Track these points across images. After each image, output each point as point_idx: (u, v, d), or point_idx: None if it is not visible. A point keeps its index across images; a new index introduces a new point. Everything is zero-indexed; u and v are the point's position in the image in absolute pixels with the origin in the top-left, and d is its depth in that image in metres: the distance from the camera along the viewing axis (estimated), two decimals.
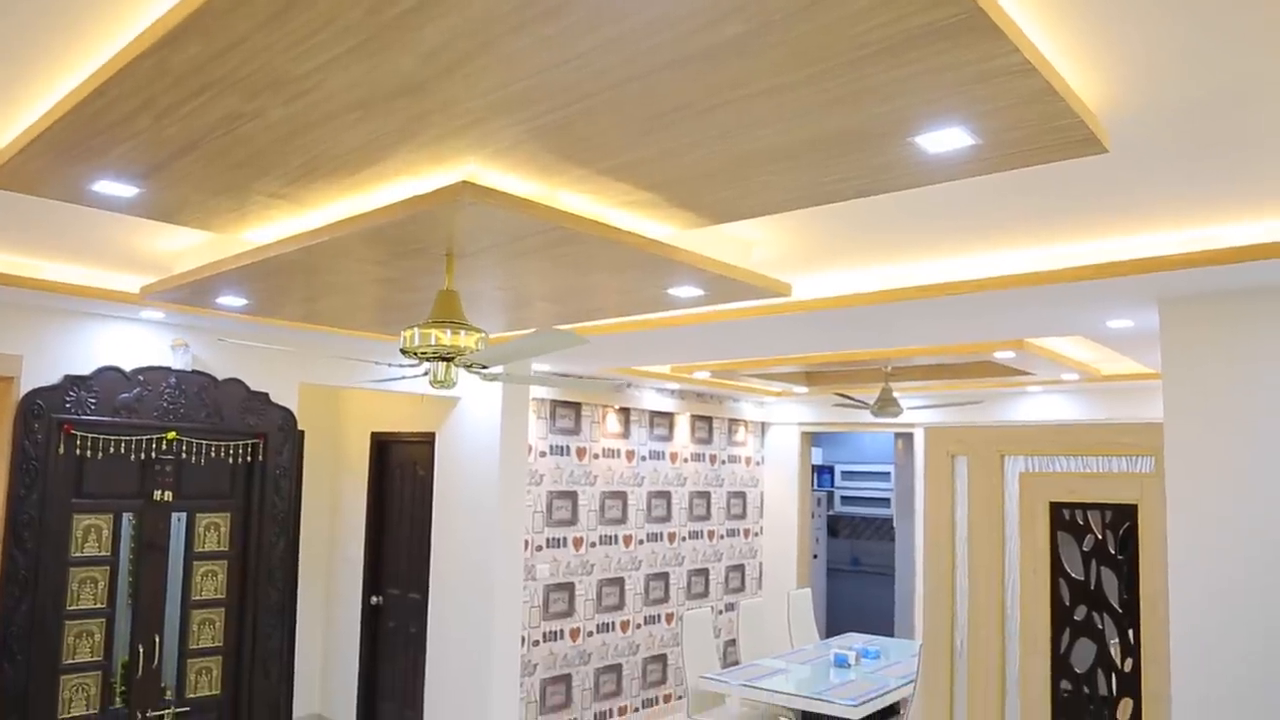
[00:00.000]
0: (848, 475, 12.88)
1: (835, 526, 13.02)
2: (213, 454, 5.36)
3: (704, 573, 8.86)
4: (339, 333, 5.38)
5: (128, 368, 5.03)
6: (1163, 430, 3.79)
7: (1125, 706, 3.93)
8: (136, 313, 4.93)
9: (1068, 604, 4.07)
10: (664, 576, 8.37)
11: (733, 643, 8.68)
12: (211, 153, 2.46)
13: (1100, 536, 4.02)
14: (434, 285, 3.66)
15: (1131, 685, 3.91)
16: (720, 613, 8.96)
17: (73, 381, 4.82)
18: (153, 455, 5.12)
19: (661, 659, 8.31)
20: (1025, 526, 4.14)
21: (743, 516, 9.46)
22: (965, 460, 4.35)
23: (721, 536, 9.13)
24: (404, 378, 3.04)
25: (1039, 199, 2.97)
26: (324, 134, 2.30)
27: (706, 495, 8.96)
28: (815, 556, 11.30)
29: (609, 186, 2.62)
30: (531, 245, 2.96)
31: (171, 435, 5.17)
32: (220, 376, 5.41)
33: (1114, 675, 3.97)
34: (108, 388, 4.94)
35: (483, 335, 2.89)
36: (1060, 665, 4.06)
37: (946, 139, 2.21)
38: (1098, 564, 4.02)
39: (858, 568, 12.67)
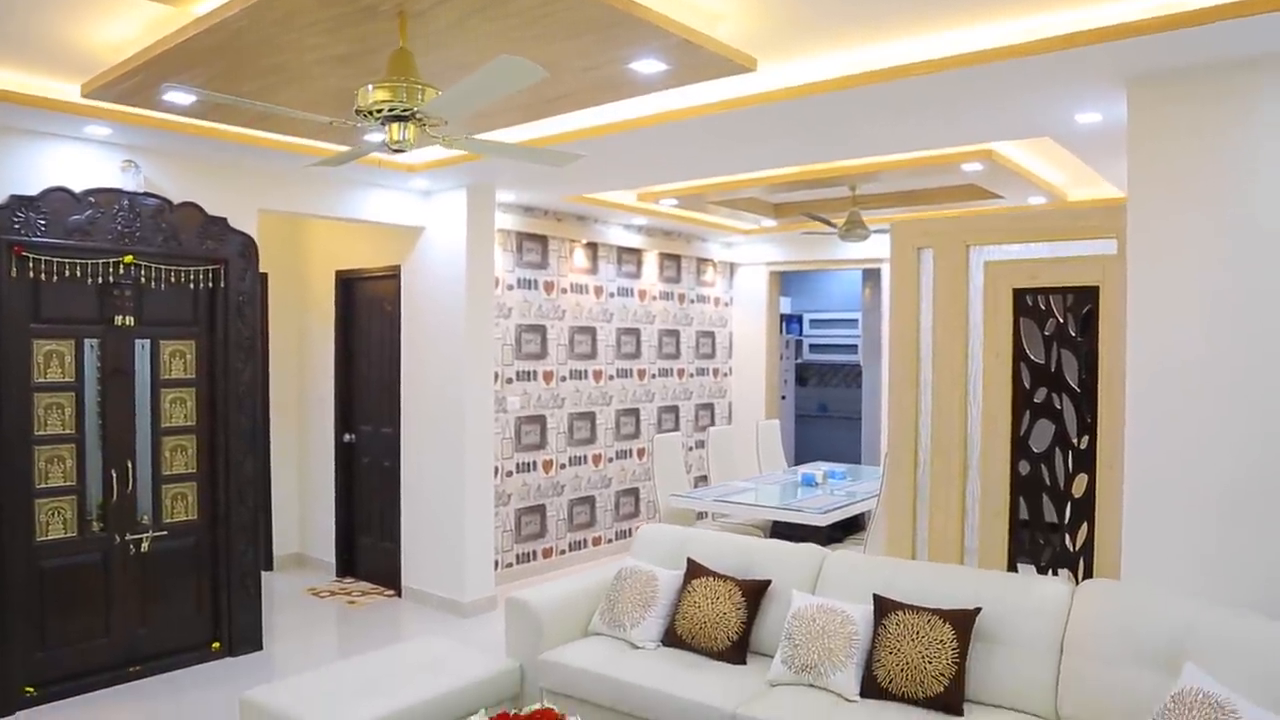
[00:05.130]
0: (816, 324, 12.98)
1: (803, 375, 13.19)
2: (173, 279, 5.27)
3: (674, 410, 8.98)
4: (296, 150, 5.24)
5: (77, 189, 4.89)
6: (1125, 211, 3.80)
7: (1080, 482, 4.05)
8: (81, 129, 4.77)
9: (1028, 387, 4.15)
10: (634, 412, 8.47)
11: (704, 478, 8.86)
12: None
13: (1061, 320, 4.08)
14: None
15: (1086, 462, 4.02)
16: (690, 450, 9.12)
17: (20, 202, 4.68)
18: (110, 280, 5.03)
19: (634, 492, 8.48)
20: (989, 314, 4.18)
21: (712, 356, 9.54)
22: (931, 253, 4.36)
23: (691, 375, 9.22)
24: (364, 150, 2.96)
25: None
26: None
27: (676, 334, 9.00)
28: (784, 398, 11.48)
29: None
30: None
31: (129, 259, 5.07)
32: (175, 200, 5.28)
33: (1070, 453, 4.08)
34: (58, 209, 4.81)
35: (439, 91, 2.80)
36: (1020, 446, 4.17)
37: None
38: (1058, 347, 4.09)
39: (825, 413, 12.89)
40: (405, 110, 2.75)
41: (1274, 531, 3.43)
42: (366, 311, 7.23)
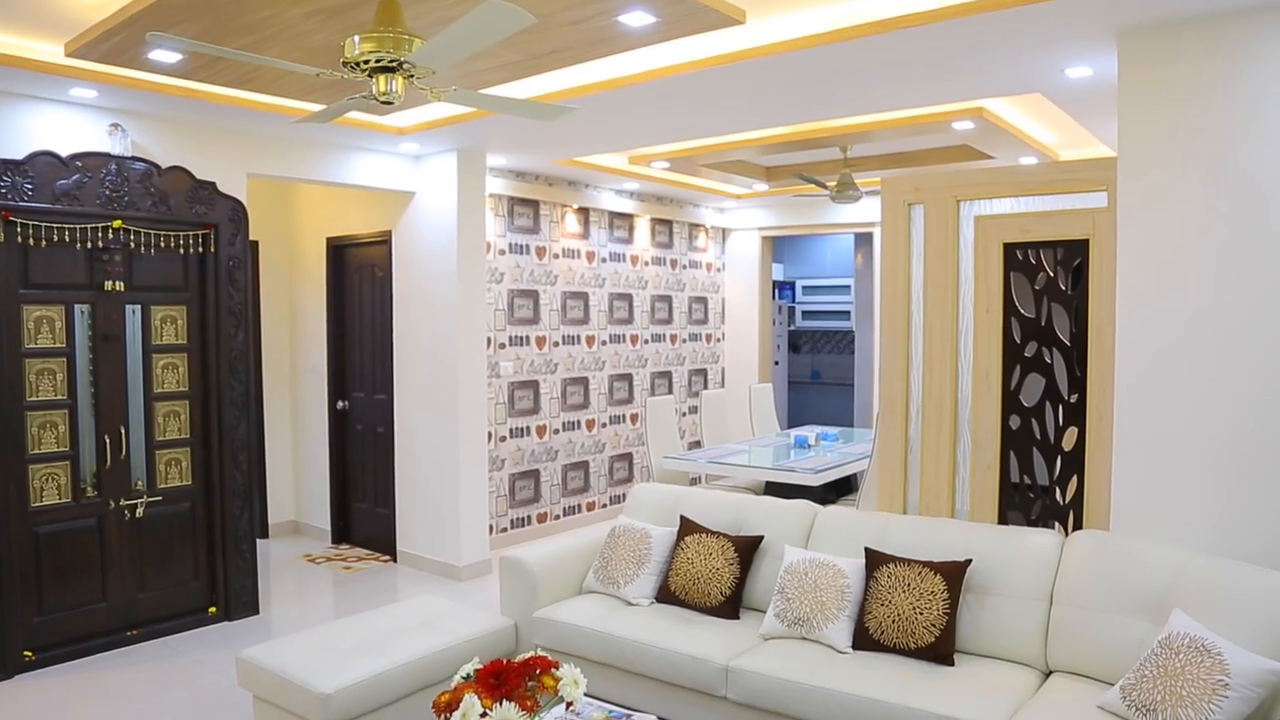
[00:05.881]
0: (809, 290, 12.98)
1: (796, 342, 13.20)
2: (162, 245, 5.25)
3: (667, 375, 8.99)
4: (284, 113, 5.20)
5: (64, 153, 4.85)
6: (1116, 164, 3.79)
7: (1070, 435, 4.07)
8: (66, 91, 4.73)
9: (1019, 341, 4.16)
10: (627, 377, 8.48)
11: (697, 443, 8.88)
12: None
13: (1052, 274, 4.08)
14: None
15: (1077, 415, 4.04)
16: (683, 415, 9.14)
17: (5, 166, 4.64)
18: (99, 245, 5.00)
19: (627, 457, 8.50)
20: (980, 268, 4.18)
21: (704, 322, 9.54)
22: (921, 209, 4.36)
23: (684, 340, 9.22)
24: (351, 105, 2.94)
25: None
26: None
27: (668, 299, 8.99)
28: (776, 364, 11.49)
29: None
30: None
31: (117, 224, 5.05)
32: (163, 164, 5.25)
33: (1060, 407, 4.09)
34: (44, 174, 4.78)
35: (426, 41, 2.78)
36: (1010, 401, 4.18)
37: None
38: (1049, 301, 4.09)
39: (818, 380, 12.92)
40: (392, 61, 2.73)
41: (1262, 482, 3.46)
42: (358, 278, 7.21)
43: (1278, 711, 2.69)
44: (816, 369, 13.07)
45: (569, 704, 2.46)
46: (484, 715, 2.31)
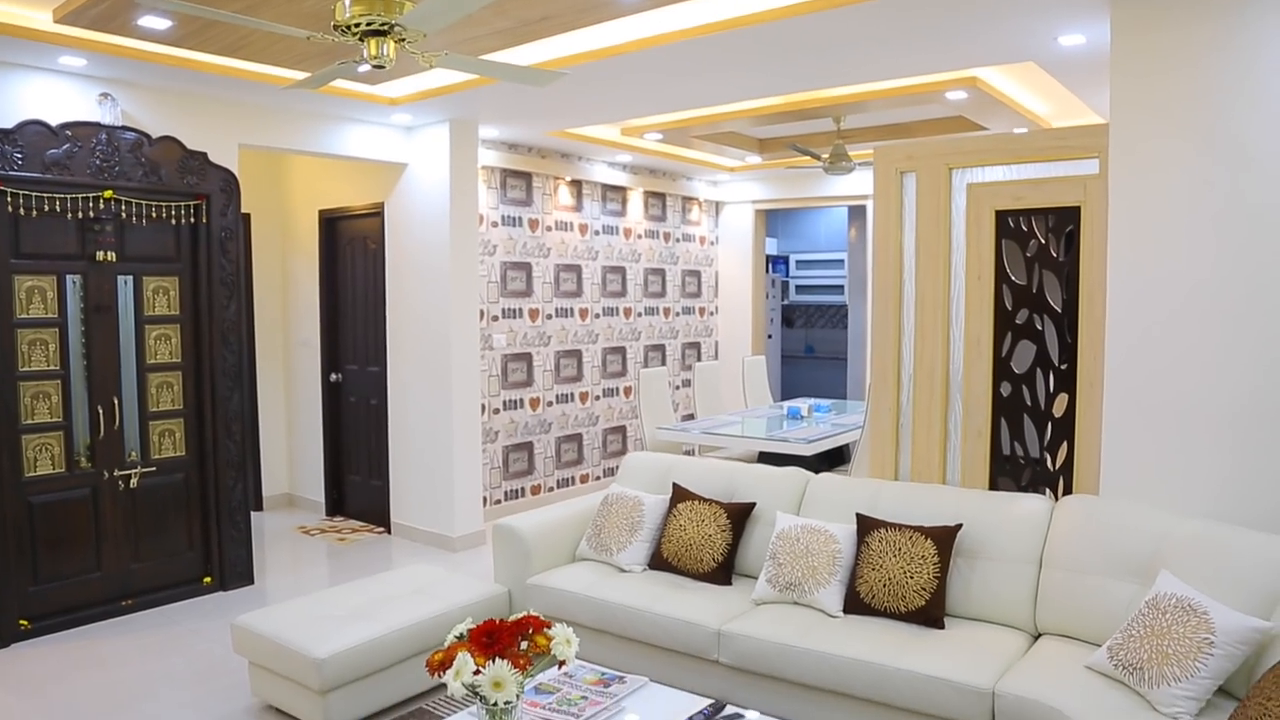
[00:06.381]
0: (802, 264, 12.99)
1: (790, 316, 13.22)
2: (154, 215, 5.23)
3: (660, 348, 9.00)
4: (274, 82, 5.17)
5: (54, 122, 4.83)
6: (1108, 131, 3.80)
7: (1061, 402, 4.09)
8: (55, 59, 4.70)
9: (1010, 308, 4.17)
10: (621, 351, 8.49)
11: (690, 416, 8.91)
12: None
13: (1043, 241, 4.09)
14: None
15: (1068, 382, 4.06)
16: (676, 389, 9.16)
17: None
18: (90, 215, 4.99)
19: (621, 430, 8.52)
20: (971, 236, 4.19)
21: (698, 295, 9.54)
22: (914, 177, 4.36)
23: (677, 314, 9.23)
24: (342, 72, 2.93)
25: None
26: None
27: (661, 273, 8.99)
28: (770, 338, 11.51)
29: None
30: None
31: (108, 194, 5.03)
32: (154, 134, 5.22)
33: (1051, 374, 4.11)
34: (34, 143, 4.75)
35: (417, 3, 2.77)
36: (1001, 368, 4.20)
37: None
38: (1040, 268, 4.10)
39: (812, 354, 12.95)
40: (383, 24, 2.72)
41: (1251, 446, 3.48)
42: (350, 251, 7.19)
43: (1261, 667, 2.72)
44: (810, 343, 13.10)
45: (562, 663, 2.48)
46: (477, 673, 2.34)
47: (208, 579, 5.54)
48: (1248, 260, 3.45)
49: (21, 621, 4.77)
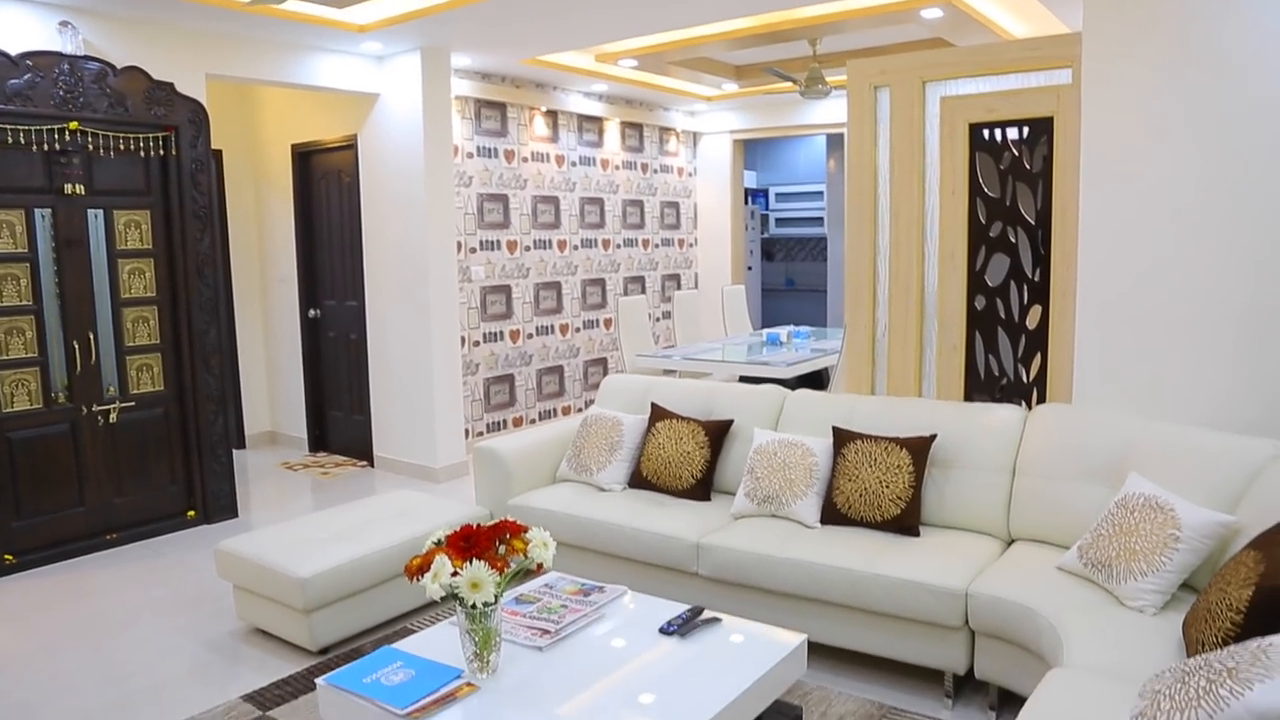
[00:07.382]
0: (781, 197, 12.94)
1: (770, 249, 13.20)
2: (121, 147, 5.15)
3: (640, 280, 8.99)
4: (238, 9, 5.07)
5: (13, 51, 4.73)
6: (1080, 40, 3.77)
7: (1034, 314, 4.12)
8: None
9: (984, 222, 4.18)
10: (600, 282, 8.48)
11: (671, 347, 8.93)
12: None
13: (1016, 153, 4.09)
14: None
15: (1041, 294, 4.09)
16: (656, 320, 9.16)
17: None
18: (56, 147, 4.91)
19: (601, 362, 8.54)
20: (945, 150, 4.18)
21: (676, 227, 9.51)
22: (888, 91, 4.33)
23: (656, 245, 9.20)
24: None
25: None
26: None
27: (639, 204, 8.94)
28: (749, 269, 11.51)
29: None
30: None
31: (74, 125, 4.94)
32: (118, 64, 5.12)
33: (1025, 286, 4.14)
34: None
35: None
36: (976, 281, 4.22)
37: None
38: (1014, 180, 4.11)
39: (792, 287, 12.96)
40: None
41: (1218, 354, 3.52)
42: (325, 185, 7.11)
43: (1224, 559, 2.79)
44: (790, 276, 13.10)
45: (539, 565, 2.51)
46: (455, 575, 2.37)
47: (191, 512, 5.57)
48: (1222, 169, 3.46)
49: (6, 556, 4.79)
